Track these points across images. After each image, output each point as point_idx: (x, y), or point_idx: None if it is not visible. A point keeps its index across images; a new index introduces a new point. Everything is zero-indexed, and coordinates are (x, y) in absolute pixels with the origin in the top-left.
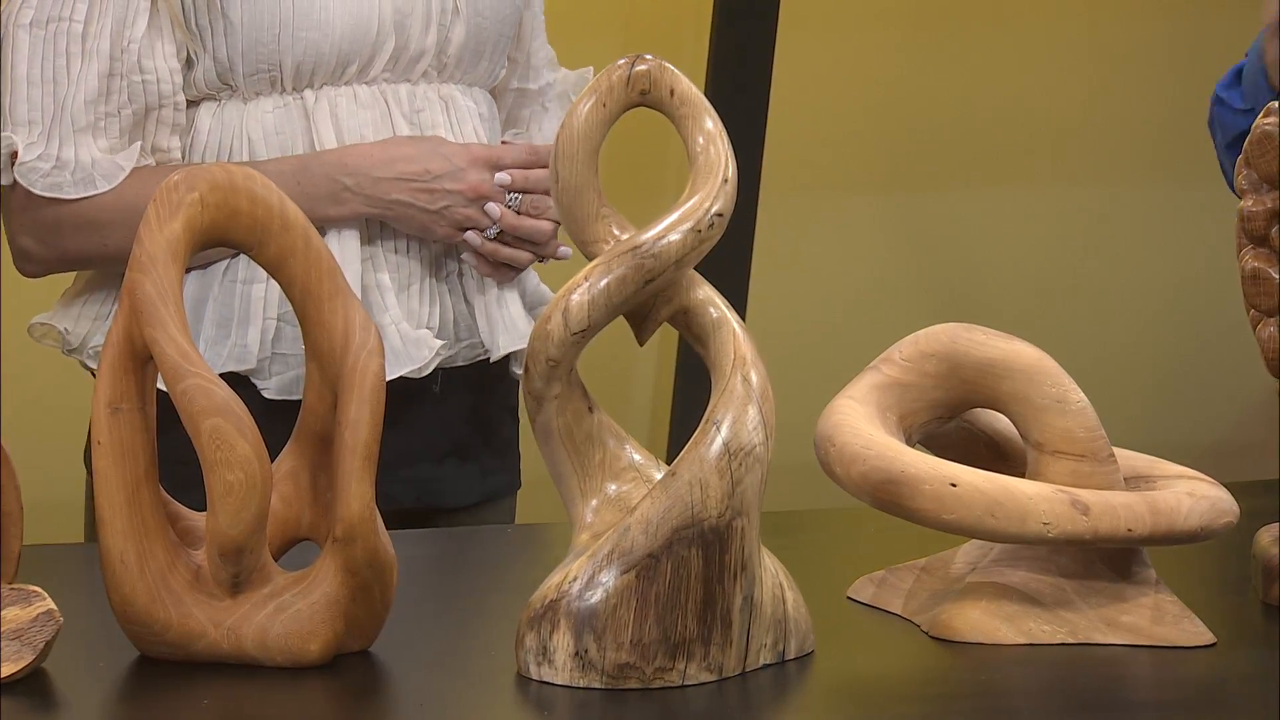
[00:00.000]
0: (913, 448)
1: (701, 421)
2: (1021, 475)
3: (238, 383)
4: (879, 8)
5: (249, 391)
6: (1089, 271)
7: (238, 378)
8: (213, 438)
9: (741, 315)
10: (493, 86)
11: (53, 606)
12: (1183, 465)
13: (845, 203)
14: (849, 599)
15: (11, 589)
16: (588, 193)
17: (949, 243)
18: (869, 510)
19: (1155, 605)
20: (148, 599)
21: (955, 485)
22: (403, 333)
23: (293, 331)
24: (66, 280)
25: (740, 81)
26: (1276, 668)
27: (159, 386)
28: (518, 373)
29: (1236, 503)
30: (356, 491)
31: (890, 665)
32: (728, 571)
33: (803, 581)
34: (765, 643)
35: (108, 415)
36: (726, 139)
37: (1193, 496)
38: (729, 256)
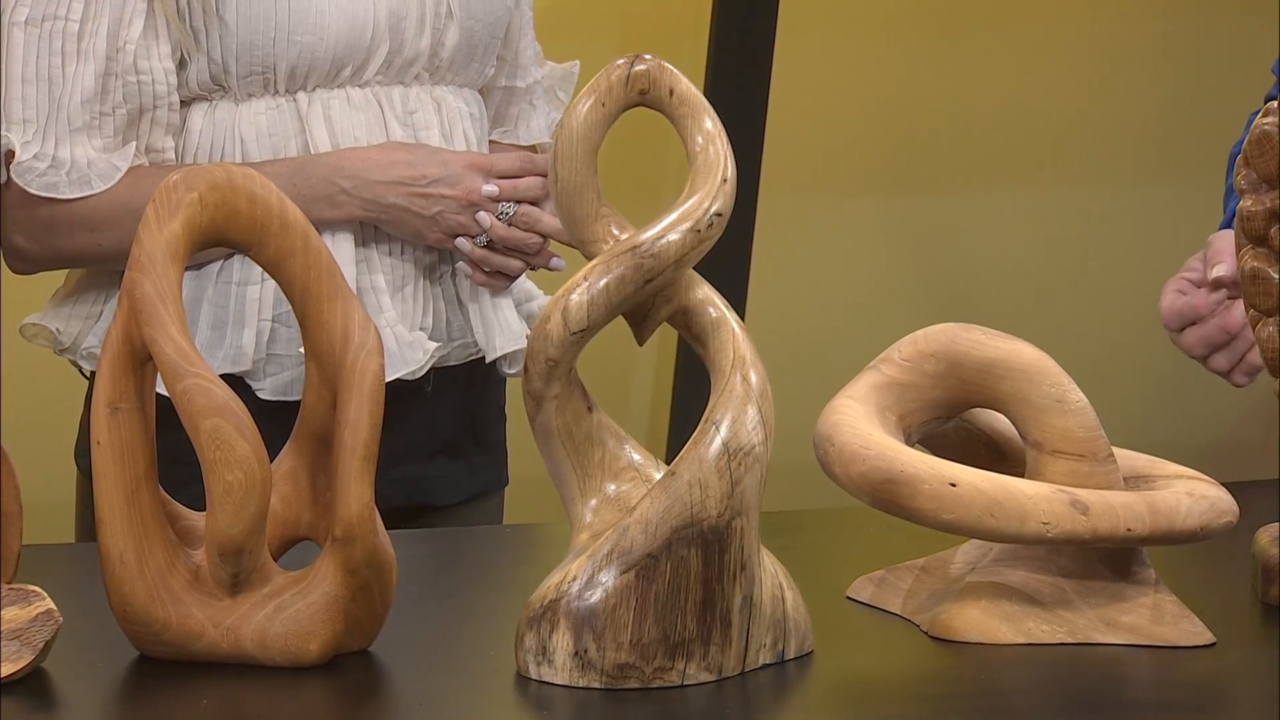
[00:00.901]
0: (912, 448)
1: (701, 421)
2: (1021, 475)
3: (233, 384)
4: (879, 8)
5: (244, 393)
6: (1089, 272)
7: (233, 379)
8: (212, 437)
9: (741, 315)
10: (481, 85)
11: (52, 606)
12: (1182, 465)
13: (844, 203)
14: (848, 599)
15: (11, 589)
16: (587, 193)
17: (948, 243)
18: (869, 510)
19: (1155, 605)
20: (147, 599)
21: (955, 485)
22: (398, 336)
23: (287, 333)
24: (58, 280)
25: (740, 82)
26: (1276, 668)
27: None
28: (507, 371)
29: (1236, 503)
30: (356, 491)
31: (890, 665)
32: (727, 571)
33: (802, 581)
34: (765, 643)
35: (107, 415)
36: (726, 139)
37: (1192, 496)
38: (728, 257)
